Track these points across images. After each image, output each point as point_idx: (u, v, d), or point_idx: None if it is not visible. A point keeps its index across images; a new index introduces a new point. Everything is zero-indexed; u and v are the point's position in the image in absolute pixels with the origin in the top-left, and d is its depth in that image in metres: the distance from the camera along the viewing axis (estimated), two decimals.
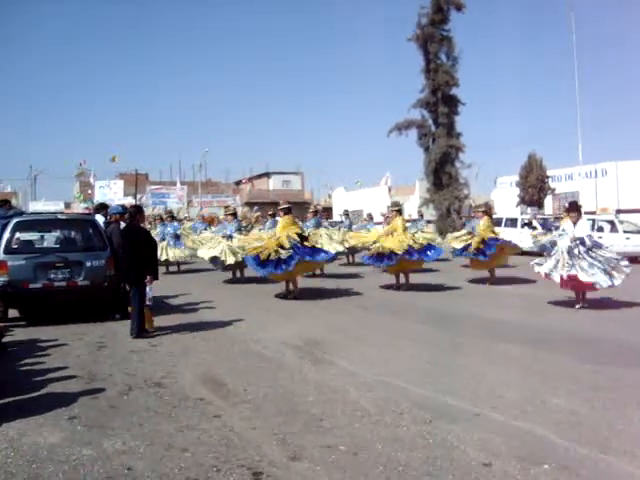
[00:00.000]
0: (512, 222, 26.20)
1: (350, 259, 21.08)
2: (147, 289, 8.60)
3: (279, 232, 12.47)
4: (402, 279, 14.12)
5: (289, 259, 11.94)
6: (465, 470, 3.99)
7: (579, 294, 11.11)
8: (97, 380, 6.39)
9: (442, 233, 32.97)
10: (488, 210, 15.97)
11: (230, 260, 15.25)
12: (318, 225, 18.12)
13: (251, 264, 12.58)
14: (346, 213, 22.57)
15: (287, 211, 12.91)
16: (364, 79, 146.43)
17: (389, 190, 56.79)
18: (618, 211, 27.98)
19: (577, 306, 10.93)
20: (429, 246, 14.01)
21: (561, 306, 11.43)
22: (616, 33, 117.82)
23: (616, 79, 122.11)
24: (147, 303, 8.66)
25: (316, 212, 19.25)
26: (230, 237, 15.84)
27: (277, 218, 20.92)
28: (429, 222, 28.42)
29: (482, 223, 15.22)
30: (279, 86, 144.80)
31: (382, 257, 13.48)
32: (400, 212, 14.49)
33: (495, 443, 4.43)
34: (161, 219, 21.19)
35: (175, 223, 20.69)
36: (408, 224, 18.56)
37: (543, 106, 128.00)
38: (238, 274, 16.49)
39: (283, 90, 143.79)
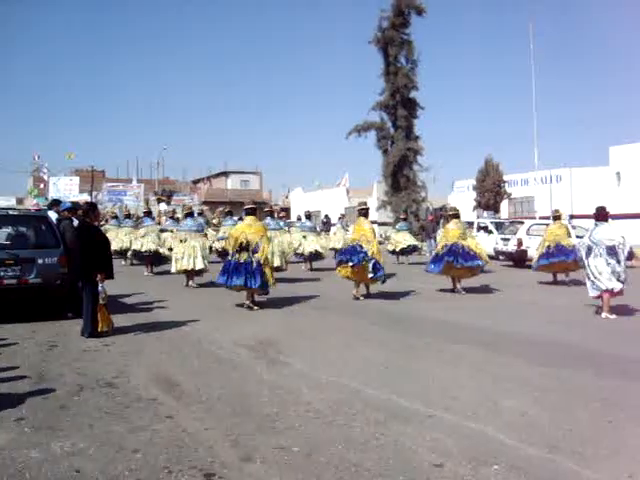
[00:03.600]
0: (468, 226, 26.47)
1: (309, 265, 20.52)
2: (99, 287, 8.44)
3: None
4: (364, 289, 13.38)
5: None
6: (417, 471, 4.03)
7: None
8: (47, 380, 6.27)
9: None
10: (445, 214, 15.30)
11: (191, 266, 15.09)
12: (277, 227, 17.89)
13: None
14: (307, 215, 22.22)
15: (252, 212, 12.04)
16: (324, 80, 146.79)
17: (347, 192, 56.97)
18: (571, 216, 28.54)
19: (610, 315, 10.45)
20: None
21: (514, 308, 11.64)
22: (574, 42, 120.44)
23: (572, 87, 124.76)
24: (100, 302, 8.49)
25: (272, 212, 18.96)
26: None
27: (233, 218, 20.89)
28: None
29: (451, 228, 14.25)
30: (238, 85, 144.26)
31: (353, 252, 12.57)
32: (366, 214, 13.40)
33: (447, 444, 4.47)
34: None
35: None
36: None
37: (501, 112, 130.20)
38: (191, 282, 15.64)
39: (242, 89, 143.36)
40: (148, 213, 21.91)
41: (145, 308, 11.40)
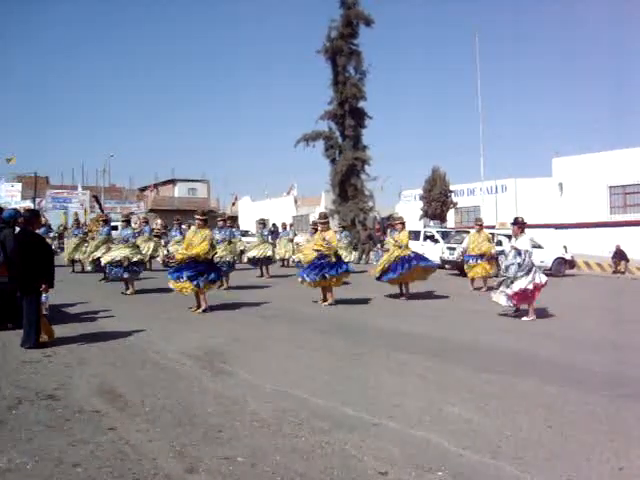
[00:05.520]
0: (415, 235, 26.80)
1: (263, 271, 20.68)
2: (42, 297, 8.24)
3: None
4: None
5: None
6: (362, 479, 4.05)
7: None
8: None
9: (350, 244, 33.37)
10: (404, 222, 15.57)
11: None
12: (232, 236, 17.74)
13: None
14: (262, 222, 22.15)
15: (205, 222, 12.33)
16: (273, 89, 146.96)
17: (295, 201, 57.09)
18: None
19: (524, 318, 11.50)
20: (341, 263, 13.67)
21: (459, 316, 11.82)
22: (518, 55, 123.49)
23: (517, 99, 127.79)
24: (44, 312, 8.29)
25: (225, 221, 18.79)
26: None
27: (184, 227, 20.72)
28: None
29: (401, 235, 14.67)
30: (186, 92, 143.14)
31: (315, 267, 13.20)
32: (328, 225, 13.99)
33: (392, 452, 4.50)
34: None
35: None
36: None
37: (447, 122, 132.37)
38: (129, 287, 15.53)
39: (189, 95, 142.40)
40: (105, 222, 20.46)
41: (89, 317, 11.14)
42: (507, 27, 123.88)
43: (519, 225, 11.97)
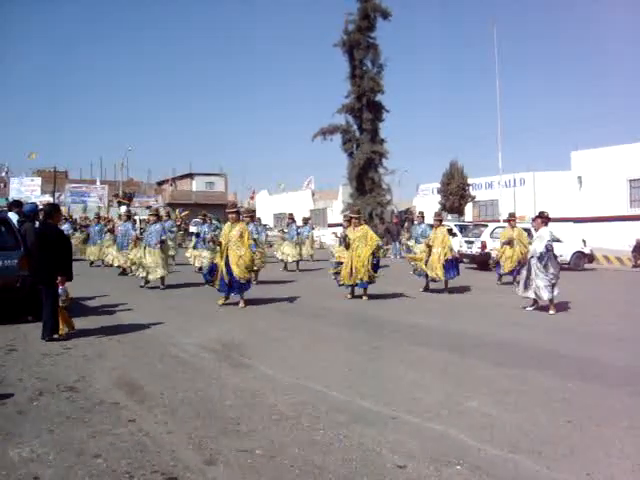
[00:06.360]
0: (432, 228, 26.62)
1: (287, 266, 20.93)
2: (60, 290, 8.31)
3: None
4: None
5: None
6: (380, 472, 4.04)
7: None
8: (5, 385, 6.15)
9: None
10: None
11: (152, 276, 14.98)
12: (256, 232, 17.50)
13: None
14: (292, 218, 22.03)
15: (238, 215, 12.19)
16: (290, 82, 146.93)
17: (312, 194, 57.10)
18: (534, 219, 28.98)
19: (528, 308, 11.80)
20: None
21: (478, 311, 11.75)
22: (536, 48, 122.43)
23: (535, 92, 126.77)
24: (61, 304, 8.36)
25: (252, 217, 18.51)
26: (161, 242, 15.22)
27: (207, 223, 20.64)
28: None
29: (439, 234, 14.94)
30: (203, 86, 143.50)
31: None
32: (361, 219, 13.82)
33: (410, 445, 4.50)
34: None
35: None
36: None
37: (465, 116, 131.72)
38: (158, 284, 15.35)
39: (206, 90, 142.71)
40: (128, 217, 19.96)
41: (108, 310, 11.24)
42: (525, 20, 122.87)
43: (544, 219, 11.95)
